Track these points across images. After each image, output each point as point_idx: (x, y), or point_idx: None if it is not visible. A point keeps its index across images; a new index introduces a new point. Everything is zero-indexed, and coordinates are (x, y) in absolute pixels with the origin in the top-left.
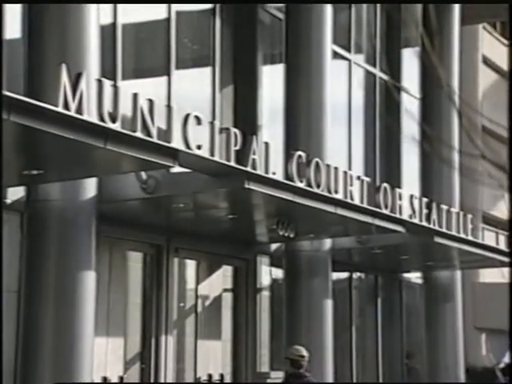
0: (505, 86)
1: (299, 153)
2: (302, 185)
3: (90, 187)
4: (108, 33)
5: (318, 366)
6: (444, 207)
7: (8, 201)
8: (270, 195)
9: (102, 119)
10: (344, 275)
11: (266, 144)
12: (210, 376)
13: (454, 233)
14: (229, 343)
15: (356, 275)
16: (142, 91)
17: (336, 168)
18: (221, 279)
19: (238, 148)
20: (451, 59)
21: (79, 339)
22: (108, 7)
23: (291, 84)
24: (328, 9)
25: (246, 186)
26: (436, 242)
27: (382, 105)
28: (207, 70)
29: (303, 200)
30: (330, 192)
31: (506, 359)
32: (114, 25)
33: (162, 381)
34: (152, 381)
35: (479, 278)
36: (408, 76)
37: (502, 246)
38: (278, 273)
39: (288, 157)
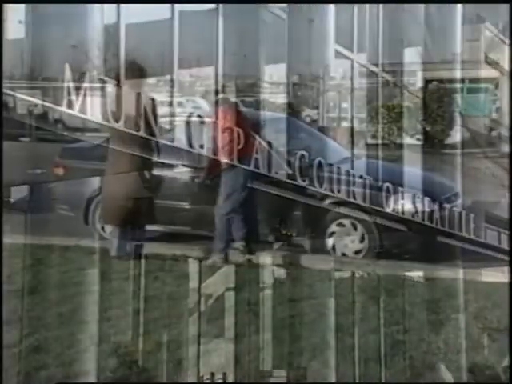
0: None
1: (302, 152)
2: (304, 184)
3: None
4: (111, 32)
5: (319, 364)
6: (447, 206)
7: (11, 200)
8: (272, 194)
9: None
10: (346, 274)
11: (269, 143)
12: (212, 375)
13: (456, 232)
14: (231, 342)
15: (359, 274)
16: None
17: (339, 167)
18: (223, 278)
19: (240, 147)
20: None
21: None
22: (111, 7)
23: None
24: (330, 9)
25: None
26: (438, 241)
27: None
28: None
29: (305, 199)
30: (332, 191)
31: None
32: (117, 24)
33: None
34: None
35: (480, 277)
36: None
37: (504, 245)
38: (281, 272)
39: (291, 156)
